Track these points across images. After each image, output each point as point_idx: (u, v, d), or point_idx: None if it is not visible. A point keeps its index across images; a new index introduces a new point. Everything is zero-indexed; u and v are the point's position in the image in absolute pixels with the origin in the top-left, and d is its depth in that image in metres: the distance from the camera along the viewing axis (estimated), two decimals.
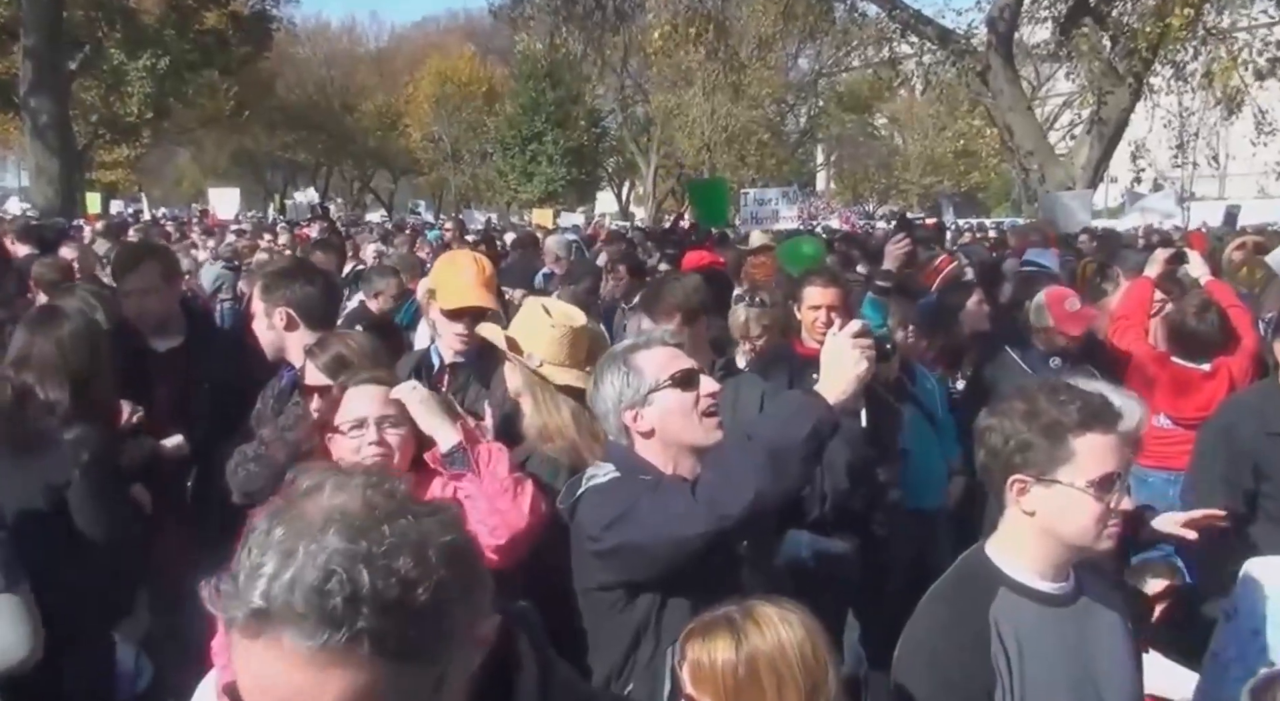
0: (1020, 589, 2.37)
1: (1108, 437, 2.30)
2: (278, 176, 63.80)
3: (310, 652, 1.06)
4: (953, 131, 46.86)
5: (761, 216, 16.90)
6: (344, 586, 1.06)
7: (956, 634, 2.34)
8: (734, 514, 2.50)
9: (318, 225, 19.12)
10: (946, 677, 2.30)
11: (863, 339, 2.59)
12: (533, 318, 3.49)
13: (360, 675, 1.07)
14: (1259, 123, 22.56)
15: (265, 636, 1.07)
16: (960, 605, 2.40)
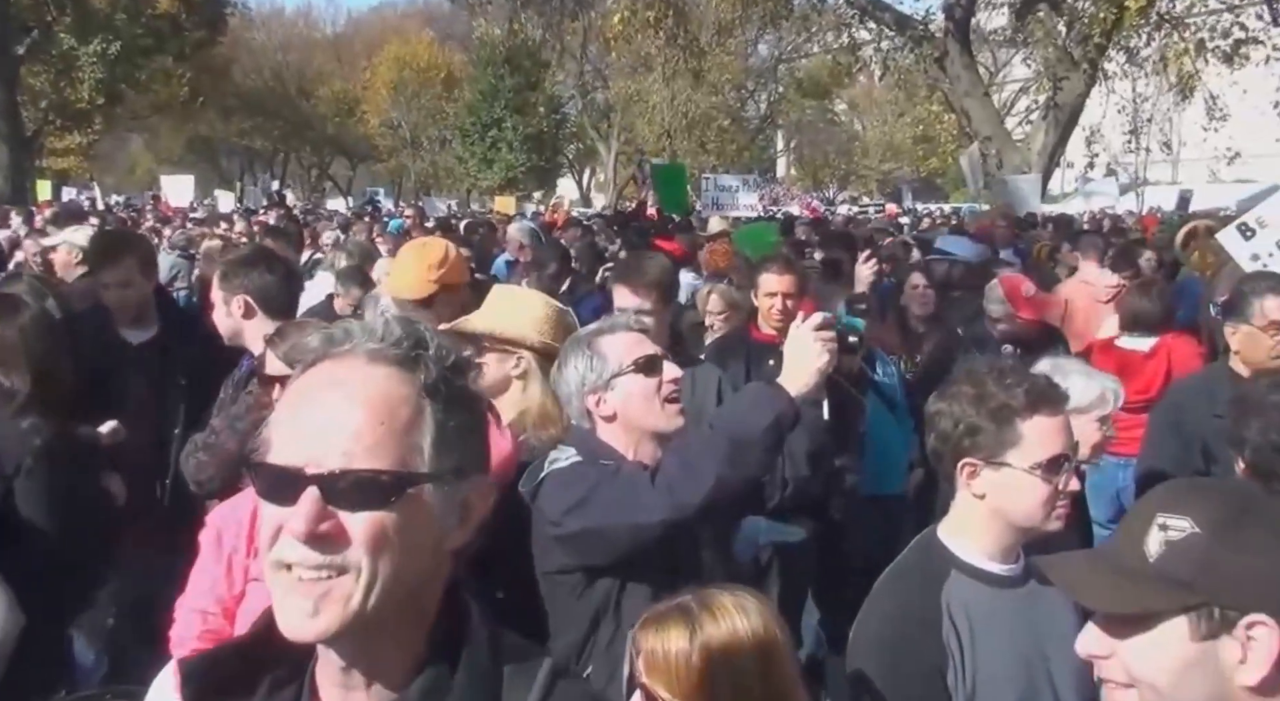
0: (971, 571, 2.40)
1: (1055, 419, 2.34)
2: (234, 164, 63.02)
3: (375, 352, 1.27)
4: (911, 117, 47.14)
5: (722, 202, 16.95)
6: (412, 335, 1.30)
7: (909, 616, 2.38)
8: (693, 502, 2.53)
9: (274, 213, 18.93)
10: (900, 659, 2.33)
11: (825, 331, 2.62)
12: (520, 302, 3.48)
13: (408, 389, 1.26)
14: (1210, 108, 22.90)
15: (337, 355, 1.28)
16: (913, 588, 2.43)
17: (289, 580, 1.22)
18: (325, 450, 1.21)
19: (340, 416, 1.23)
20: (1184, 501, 1.46)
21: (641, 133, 46.42)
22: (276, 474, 1.23)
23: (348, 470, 1.21)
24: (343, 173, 64.28)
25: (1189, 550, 1.41)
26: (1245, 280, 4.29)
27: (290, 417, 1.25)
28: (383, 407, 1.24)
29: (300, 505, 1.20)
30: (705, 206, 17.15)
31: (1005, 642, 2.36)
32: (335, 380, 1.26)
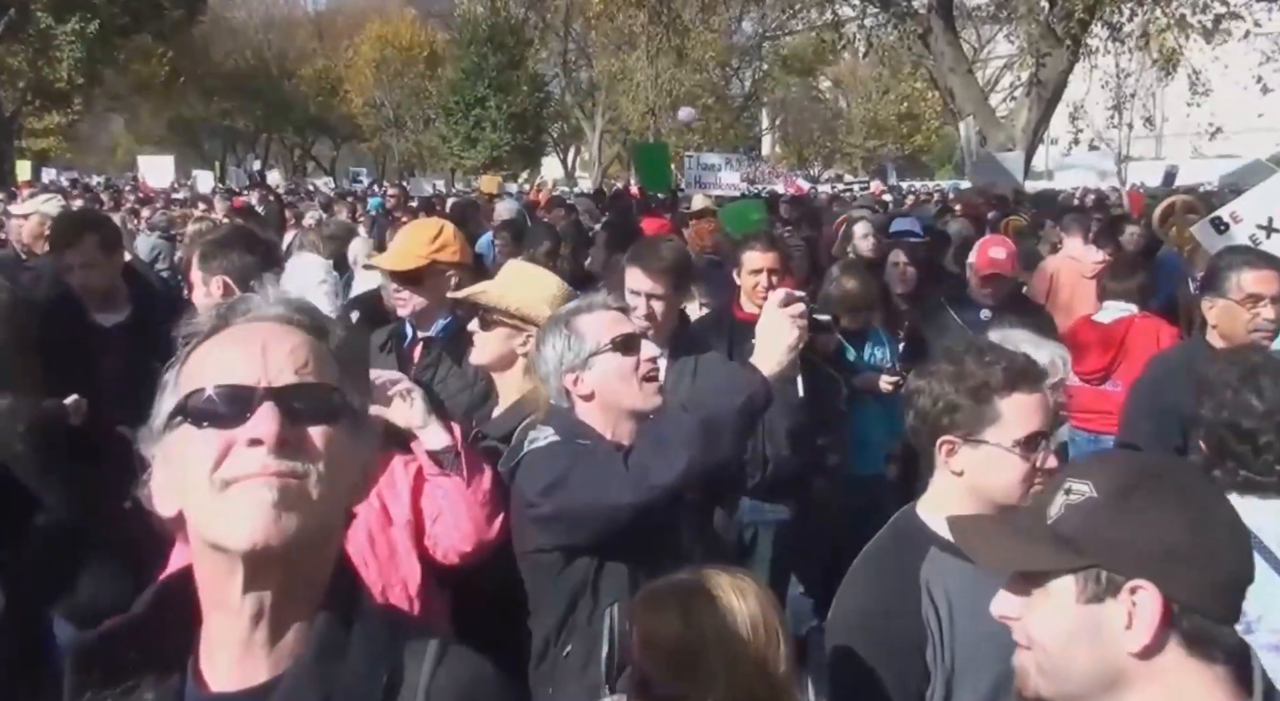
0: (951, 548, 2.40)
1: (1033, 397, 2.34)
2: (216, 144, 62.57)
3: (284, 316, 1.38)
4: (896, 94, 47.18)
5: (705, 180, 16.91)
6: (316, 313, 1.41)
7: (889, 593, 2.38)
8: (665, 483, 2.53)
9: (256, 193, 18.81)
10: (879, 636, 2.34)
11: (796, 309, 2.61)
12: (534, 279, 3.46)
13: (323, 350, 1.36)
14: (1193, 84, 22.92)
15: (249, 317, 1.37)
16: (892, 565, 2.43)
17: (241, 491, 1.26)
18: (277, 370, 1.30)
19: (282, 345, 1.33)
20: (1092, 468, 1.51)
21: (626, 111, 46.25)
22: (225, 394, 1.28)
23: (303, 384, 1.31)
24: (326, 153, 63.90)
25: (1083, 513, 1.44)
26: (1222, 254, 4.30)
27: (220, 354, 1.32)
28: (305, 345, 1.35)
29: (260, 415, 1.26)
30: (688, 185, 17.10)
31: (984, 619, 2.36)
32: (257, 330, 1.35)
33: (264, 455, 1.25)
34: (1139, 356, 5.28)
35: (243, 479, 1.25)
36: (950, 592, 2.35)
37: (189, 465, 1.28)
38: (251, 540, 1.25)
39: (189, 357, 1.35)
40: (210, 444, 1.27)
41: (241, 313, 1.38)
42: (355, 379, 1.42)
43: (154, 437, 1.34)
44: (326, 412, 1.32)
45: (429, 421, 2.84)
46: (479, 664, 1.47)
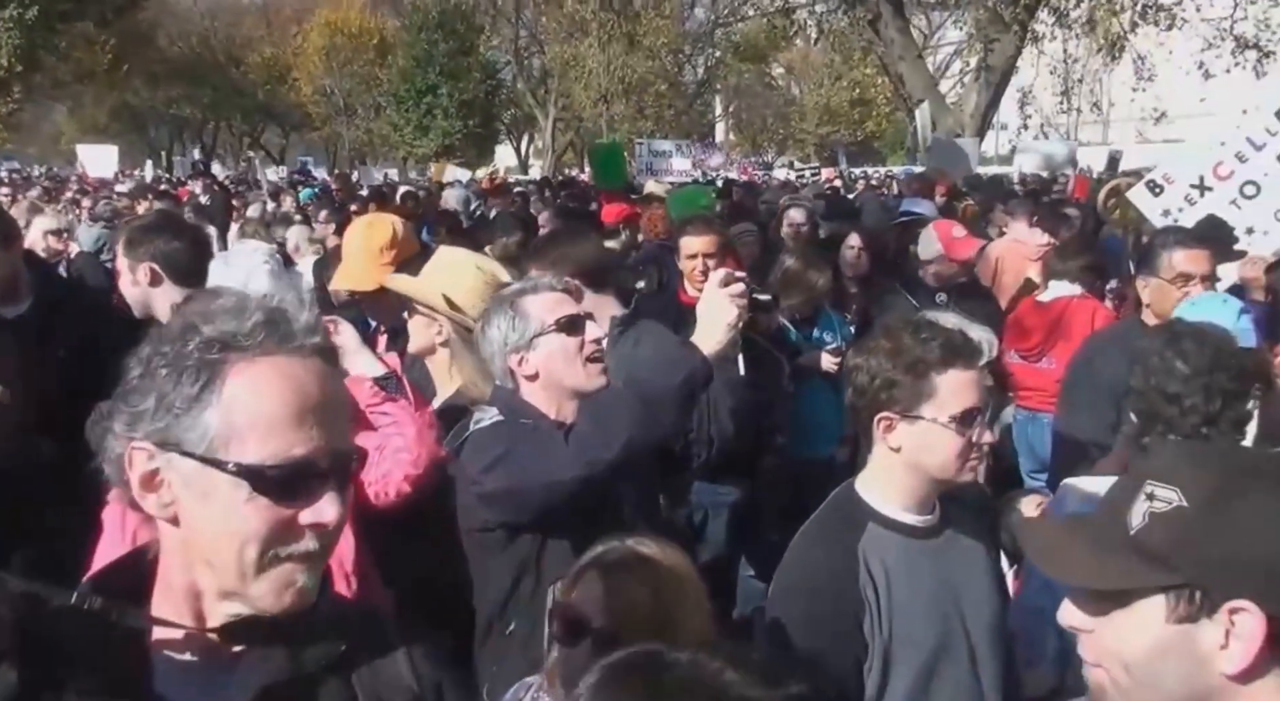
0: (888, 522, 2.44)
1: (969, 373, 2.37)
2: (162, 133, 61.55)
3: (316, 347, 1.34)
4: (848, 81, 47.36)
5: (656, 167, 16.93)
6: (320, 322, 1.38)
7: (827, 567, 2.41)
8: (604, 459, 2.55)
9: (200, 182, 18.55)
10: (818, 609, 2.37)
11: (734, 287, 2.62)
12: (466, 273, 3.43)
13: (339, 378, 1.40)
14: (1138, 68, 23.23)
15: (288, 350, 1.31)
16: (831, 539, 2.47)
17: (289, 568, 1.29)
18: (331, 438, 1.30)
19: (333, 401, 1.33)
20: (1177, 470, 1.34)
21: (579, 98, 46.08)
22: (293, 472, 1.27)
23: (350, 453, 1.34)
24: (275, 141, 63.08)
25: (1173, 525, 1.30)
26: (1155, 234, 4.38)
27: (280, 410, 1.28)
28: (342, 393, 1.39)
29: (327, 501, 1.29)
30: (640, 171, 17.11)
31: (921, 591, 2.40)
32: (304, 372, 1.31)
33: (320, 538, 1.29)
34: (1075, 335, 5.38)
35: (295, 557, 1.28)
36: (888, 566, 2.39)
37: (238, 527, 1.27)
38: (284, 609, 1.30)
39: (230, 377, 1.27)
40: (269, 517, 1.27)
41: (286, 337, 1.32)
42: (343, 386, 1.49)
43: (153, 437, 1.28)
44: (353, 472, 1.36)
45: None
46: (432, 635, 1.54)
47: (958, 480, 2.42)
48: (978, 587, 2.52)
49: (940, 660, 2.39)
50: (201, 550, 1.30)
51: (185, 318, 1.32)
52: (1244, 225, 5.33)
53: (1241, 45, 22.52)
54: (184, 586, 1.33)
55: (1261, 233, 5.30)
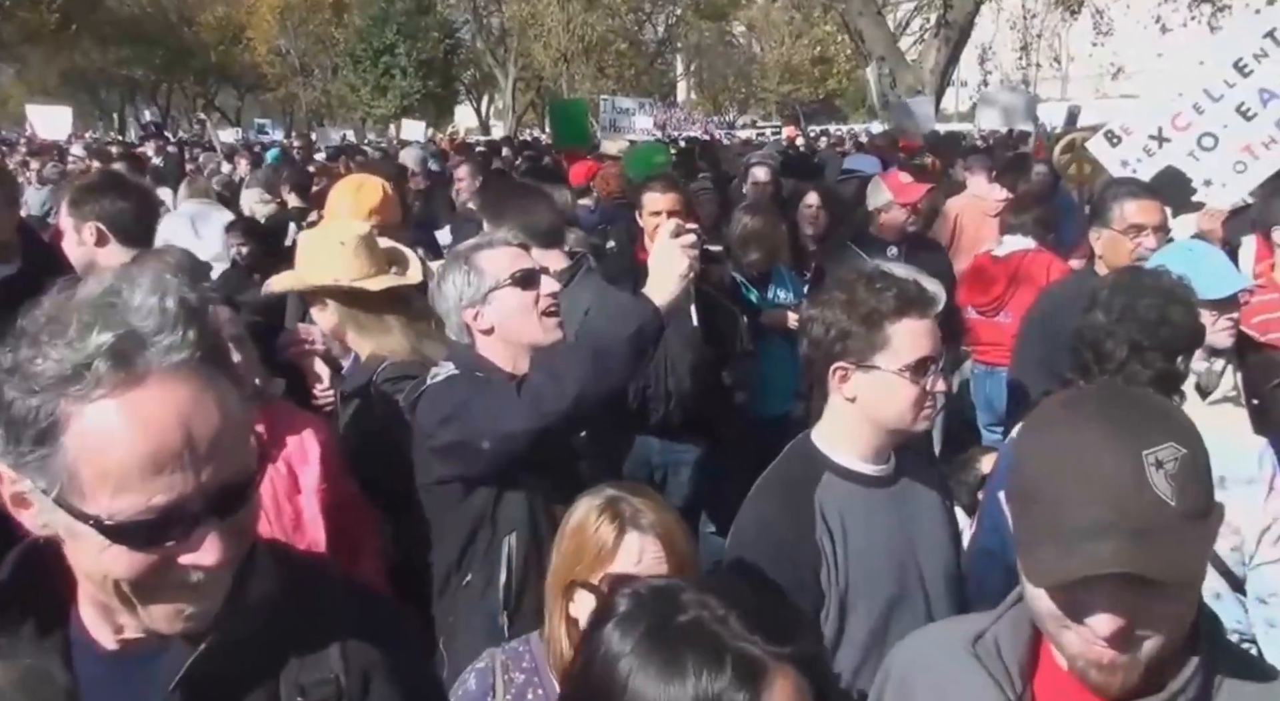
0: (844, 472, 2.46)
1: (922, 322, 2.39)
2: (114, 95, 60.32)
3: (182, 364, 1.16)
4: (809, 38, 47.13)
5: (619, 125, 16.83)
6: (195, 320, 1.18)
7: (784, 517, 2.43)
8: (557, 410, 2.56)
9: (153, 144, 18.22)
10: (775, 559, 2.38)
11: (685, 238, 2.63)
12: (319, 246, 3.43)
13: (220, 386, 1.20)
14: (1097, 23, 23.31)
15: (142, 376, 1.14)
16: (787, 490, 2.48)
17: (174, 598, 1.21)
18: (207, 474, 1.16)
19: (203, 436, 1.16)
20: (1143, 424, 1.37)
21: (538, 57, 45.62)
22: (153, 523, 1.14)
23: (234, 483, 1.20)
24: (230, 103, 62.01)
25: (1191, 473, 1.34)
26: (1108, 185, 4.41)
27: (137, 448, 1.13)
28: (221, 416, 1.19)
29: (202, 542, 1.18)
30: (603, 129, 16.98)
31: (878, 540, 2.43)
32: (164, 405, 1.15)
33: (201, 573, 1.19)
34: (1030, 289, 5.43)
35: (179, 591, 1.20)
36: (844, 516, 2.41)
37: (101, 568, 1.19)
38: (176, 632, 1.24)
39: (78, 417, 1.13)
40: (134, 563, 1.17)
41: (134, 367, 1.14)
42: (237, 383, 1.27)
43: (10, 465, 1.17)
44: (253, 492, 1.25)
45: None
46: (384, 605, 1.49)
47: (913, 429, 2.45)
48: (932, 534, 2.55)
49: (896, 607, 2.42)
50: (76, 564, 1.23)
51: (30, 331, 1.16)
52: (1202, 177, 5.37)
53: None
54: (92, 593, 1.27)
55: (1220, 184, 5.34)
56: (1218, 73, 5.37)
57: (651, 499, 2.23)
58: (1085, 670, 1.40)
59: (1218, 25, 22.42)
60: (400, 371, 3.17)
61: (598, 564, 2.11)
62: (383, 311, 3.29)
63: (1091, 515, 1.31)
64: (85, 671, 1.27)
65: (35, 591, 1.28)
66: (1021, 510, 1.42)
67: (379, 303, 3.29)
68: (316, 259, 3.36)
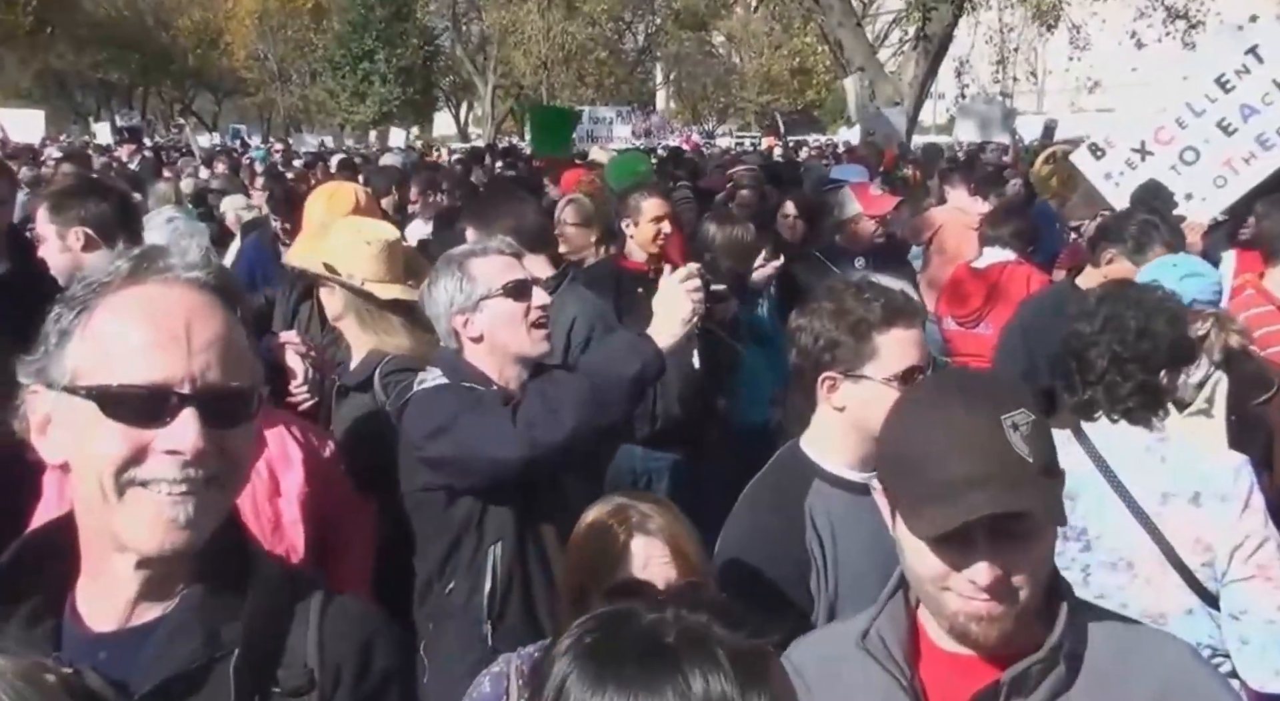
0: (833, 479, 2.47)
1: (910, 332, 2.40)
2: (90, 98, 59.88)
3: (196, 280, 1.31)
4: (788, 49, 47.30)
5: (598, 134, 16.87)
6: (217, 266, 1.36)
7: (774, 523, 2.44)
8: (552, 443, 2.56)
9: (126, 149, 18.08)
10: (764, 566, 2.39)
11: (691, 283, 2.63)
12: (347, 236, 3.44)
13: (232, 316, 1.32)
14: (1073, 38, 23.52)
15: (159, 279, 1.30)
16: (778, 497, 2.49)
17: (152, 499, 1.24)
18: (201, 364, 1.25)
19: (205, 328, 1.27)
20: (994, 393, 1.59)
21: (519, 65, 45.63)
22: (144, 394, 1.23)
23: (226, 387, 1.27)
24: (208, 108, 61.69)
25: (1041, 434, 1.55)
26: None
27: (138, 331, 1.25)
28: (226, 328, 1.30)
29: (182, 425, 1.23)
30: (581, 139, 17.00)
31: (867, 546, 2.42)
32: (178, 300, 1.28)
33: (178, 466, 1.24)
34: (1009, 301, 5.45)
35: (154, 485, 1.24)
36: (833, 522, 2.42)
37: (93, 451, 1.25)
38: (158, 548, 1.26)
39: (98, 309, 1.28)
40: (121, 440, 1.23)
41: (159, 268, 1.30)
42: (254, 343, 1.40)
43: (39, 378, 1.29)
44: (244, 414, 1.31)
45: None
46: (363, 605, 1.51)
47: None
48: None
49: None
50: (78, 490, 1.29)
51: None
52: (1183, 191, 5.41)
53: (1172, 15, 22.89)
54: (92, 544, 1.32)
55: (1200, 198, 5.39)
56: (1200, 87, 5.42)
57: (660, 505, 2.22)
58: (966, 626, 1.54)
59: (1190, 42, 22.68)
60: (403, 364, 3.18)
61: (607, 569, 2.10)
62: (387, 311, 3.31)
63: (966, 471, 1.50)
64: (75, 660, 1.28)
65: (34, 579, 1.32)
66: (898, 476, 1.61)
67: (386, 303, 3.31)
68: (339, 250, 3.36)
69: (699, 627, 1.16)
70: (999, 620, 1.53)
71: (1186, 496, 2.55)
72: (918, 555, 1.56)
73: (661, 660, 1.13)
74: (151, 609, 1.32)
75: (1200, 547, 2.54)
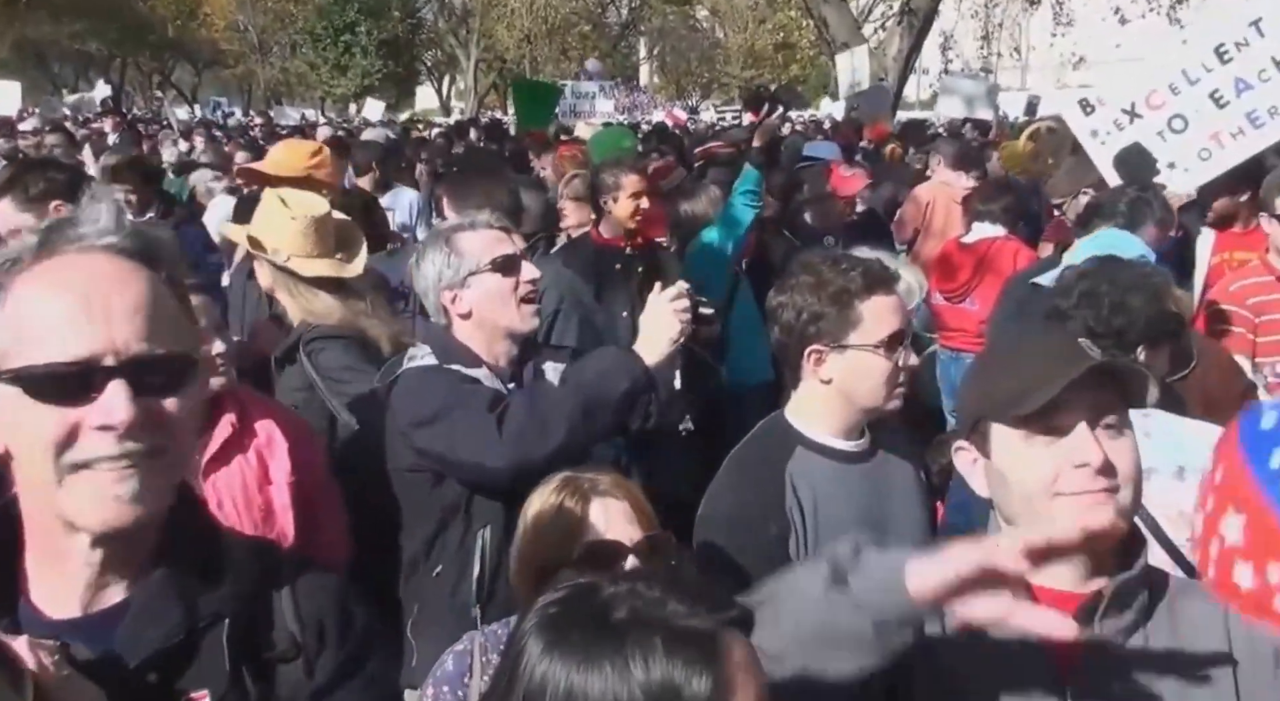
0: (817, 447, 2.49)
1: (890, 298, 2.42)
2: (67, 69, 59.15)
3: (114, 246, 1.26)
4: (772, 24, 47.17)
5: (580, 109, 16.79)
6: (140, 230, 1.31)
7: (754, 487, 2.47)
8: (539, 456, 2.53)
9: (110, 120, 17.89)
10: (745, 528, 2.43)
11: (679, 303, 2.62)
12: (272, 212, 3.44)
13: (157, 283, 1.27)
14: (1057, 13, 23.52)
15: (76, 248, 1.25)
16: (758, 462, 2.52)
17: (93, 478, 1.20)
18: (124, 336, 1.20)
19: (125, 296, 1.22)
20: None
21: (502, 39, 45.31)
22: (65, 373, 1.18)
23: (154, 355, 1.22)
24: (187, 79, 61.03)
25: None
26: None
27: (55, 306, 1.20)
28: (149, 293, 1.25)
29: (110, 398, 1.19)
30: (564, 114, 16.90)
31: (849, 514, 2.45)
32: (95, 272, 1.23)
33: (114, 442, 1.19)
34: (997, 276, 5.47)
35: (95, 464, 1.20)
36: (815, 488, 2.44)
37: (26, 436, 1.21)
38: (105, 525, 1.22)
39: (12, 288, 1.23)
40: (52, 422, 1.19)
41: (71, 238, 1.25)
42: (188, 309, 1.34)
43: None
44: (179, 382, 1.25)
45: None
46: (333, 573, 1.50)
47: (885, 408, 2.47)
48: (905, 510, 2.57)
49: None
50: (20, 476, 1.25)
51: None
52: (1166, 159, 5.36)
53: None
54: (41, 529, 1.28)
55: (1183, 169, 5.33)
56: (1197, 56, 5.34)
57: (603, 470, 2.23)
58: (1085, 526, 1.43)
59: (1176, 18, 22.72)
60: (326, 333, 3.21)
61: (568, 540, 2.08)
62: (315, 285, 3.33)
63: (1061, 355, 1.62)
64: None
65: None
66: (992, 396, 1.66)
67: (311, 278, 3.33)
68: (268, 224, 3.39)
69: (650, 605, 1.16)
70: (1114, 511, 1.56)
71: (1170, 471, 2.56)
72: (1024, 466, 1.61)
73: (606, 637, 1.14)
74: (115, 591, 1.28)
75: (1184, 521, 2.55)
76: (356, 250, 3.55)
